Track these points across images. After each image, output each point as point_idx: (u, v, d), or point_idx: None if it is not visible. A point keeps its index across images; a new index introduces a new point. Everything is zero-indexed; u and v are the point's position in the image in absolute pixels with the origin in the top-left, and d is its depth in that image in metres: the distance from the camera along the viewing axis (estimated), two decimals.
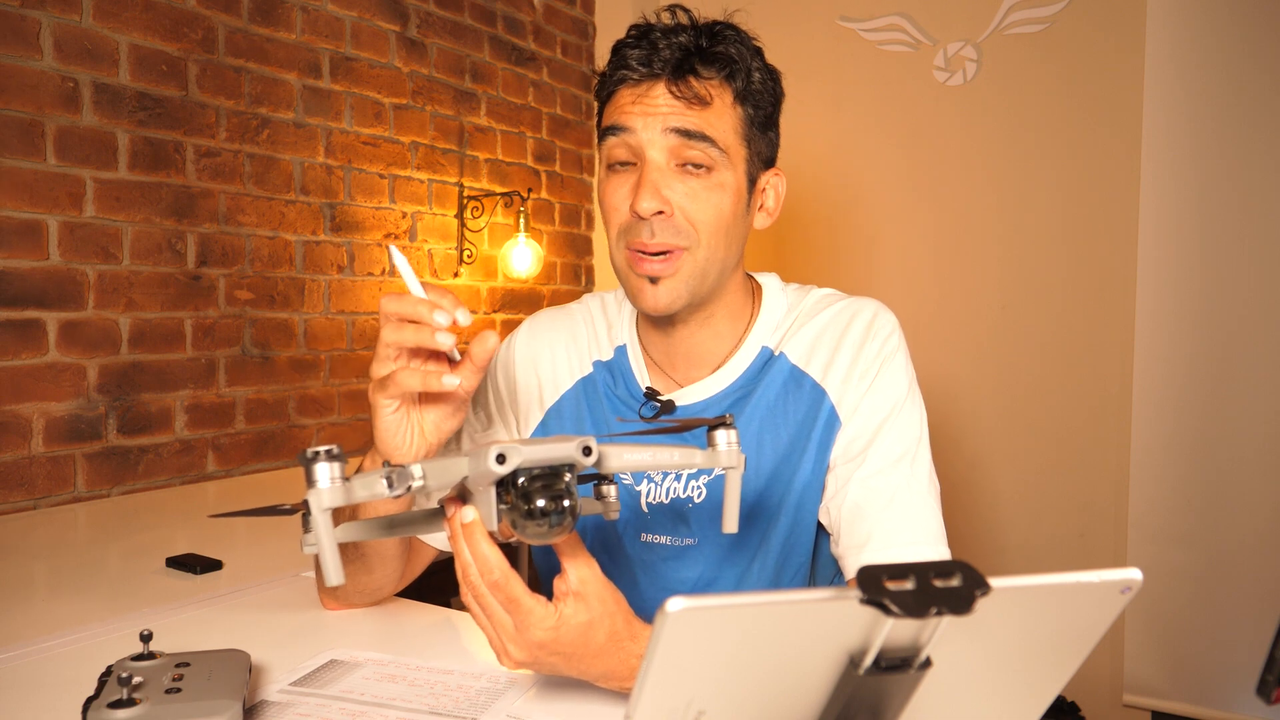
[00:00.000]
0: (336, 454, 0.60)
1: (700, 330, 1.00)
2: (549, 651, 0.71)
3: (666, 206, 0.91)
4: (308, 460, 0.60)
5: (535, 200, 2.89)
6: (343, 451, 0.60)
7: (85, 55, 1.72)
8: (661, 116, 0.90)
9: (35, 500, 1.66)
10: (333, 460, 0.60)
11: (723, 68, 0.91)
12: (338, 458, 0.60)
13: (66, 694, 0.80)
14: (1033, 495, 2.58)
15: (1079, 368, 2.51)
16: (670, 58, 0.90)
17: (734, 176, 0.93)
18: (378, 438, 0.80)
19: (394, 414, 0.78)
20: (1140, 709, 2.43)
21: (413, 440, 0.80)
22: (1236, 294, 2.30)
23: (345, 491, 0.60)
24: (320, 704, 0.78)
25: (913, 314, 2.32)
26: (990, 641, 0.44)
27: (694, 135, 0.90)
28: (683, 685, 0.41)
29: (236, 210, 2.01)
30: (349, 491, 0.60)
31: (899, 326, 0.98)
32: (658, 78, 0.91)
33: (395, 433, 0.79)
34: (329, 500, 0.59)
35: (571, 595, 0.71)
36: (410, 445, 0.80)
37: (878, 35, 2.75)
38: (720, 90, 0.92)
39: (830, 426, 0.95)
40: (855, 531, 0.91)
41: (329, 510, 0.60)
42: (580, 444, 0.64)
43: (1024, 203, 2.57)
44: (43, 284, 1.67)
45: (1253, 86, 2.25)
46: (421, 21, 2.48)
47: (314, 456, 0.59)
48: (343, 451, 0.60)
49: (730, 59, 0.91)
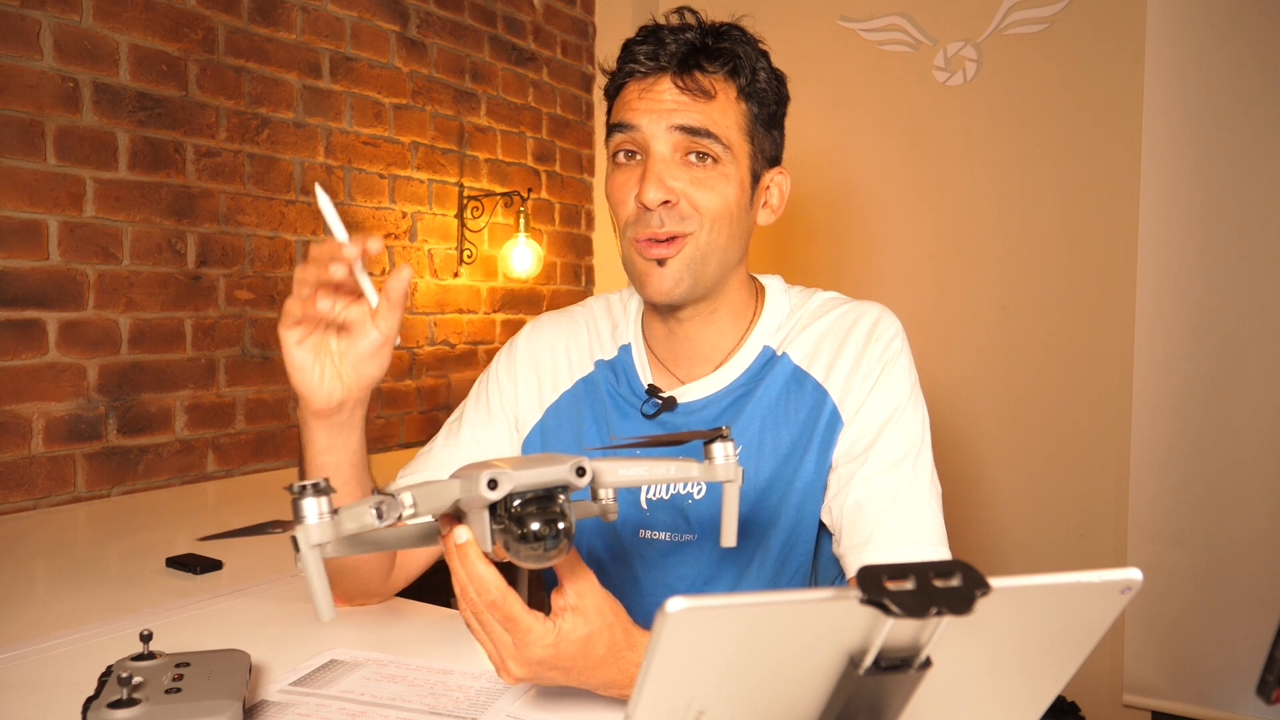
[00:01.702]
0: (323, 488, 0.59)
1: (704, 326, 1.00)
2: (549, 667, 0.70)
3: (671, 195, 0.92)
4: (294, 496, 0.58)
5: (535, 200, 2.89)
6: (329, 484, 0.59)
7: (85, 55, 1.72)
8: (666, 113, 0.92)
9: (35, 500, 1.66)
10: (319, 495, 0.58)
11: (727, 63, 0.93)
12: (324, 491, 0.59)
13: (66, 694, 0.80)
14: (1033, 495, 2.58)
15: (1079, 368, 2.51)
16: (676, 52, 0.92)
17: (737, 170, 0.94)
18: (289, 376, 0.79)
19: (300, 348, 0.77)
20: (1140, 709, 2.43)
21: (325, 380, 0.79)
22: (1236, 294, 2.30)
23: (334, 526, 0.59)
24: (320, 704, 0.78)
25: (913, 314, 2.32)
26: (990, 641, 0.44)
27: (698, 132, 0.91)
28: (683, 685, 0.41)
29: (236, 210, 2.01)
30: (337, 526, 0.59)
31: (902, 330, 0.99)
32: (663, 71, 0.93)
33: (305, 369, 0.78)
34: (317, 536, 0.58)
35: (570, 610, 0.70)
36: (323, 384, 0.79)
37: (878, 35, 2.75)
38: (725, 85, 0.93)
39: (832, 427, 0.95)
40: (856, 531, 0.91)
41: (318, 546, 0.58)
42: (573, 465, 0.62)
43: (1024, 203, 2.57)
44: (43, 284, 1.67)
45: (1253, 86, 2.25)
46: (421, 21, 2.48)
47: (301, 491, 0.58)
48: (329, 484, 0.59)
49: (735, 55, 0.93)
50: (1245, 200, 2.28)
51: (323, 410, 0.80)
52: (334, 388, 0.79)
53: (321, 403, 0.79)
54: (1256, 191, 2.27)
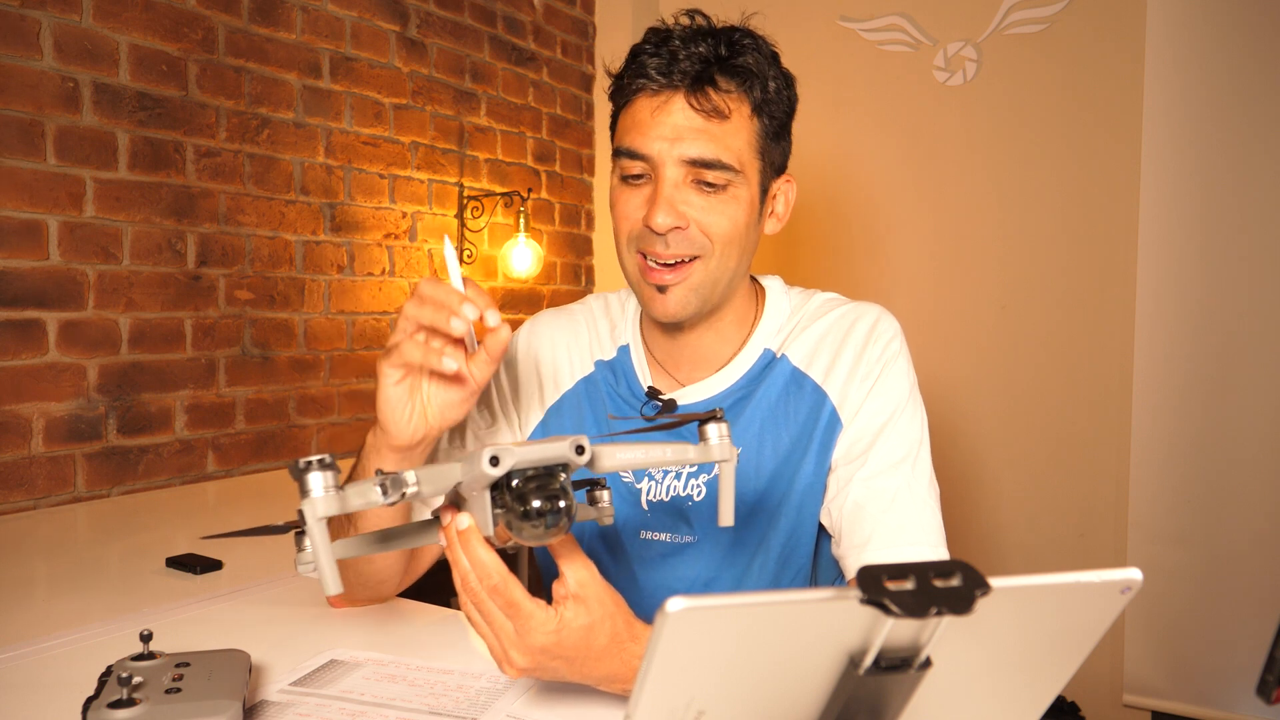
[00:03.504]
0: (329, 463, 0.59)
1: (707, 333, 1.01)
2: (551, 656, 0.70)
3: (682, 220, 0.91)
4: (300, 471, 0.59)
5: (535, 200, 2.89)
6: (335, 460, 0.60)
7: (85, 55, 1.72)
8: (678, 141, 0.90)
9: (35, 500, 1.66)
10: (325, 469, 0.59)
11: (742, 80, 0.91)
12: (330, 467, 0.59)
13: (66, 694, 0.80)
14: (1033, 495, 2.58)
15: (1079, 368, 2.51)
16: (690, 69, 0.89)
17: (748, 191, 0.93)
18: (378, 408, 0.80)
19: (397, 386, 0.79)
20: (1140, 709, 2.43)
21: (413, 419, 0.80)
22: (1236, 294, 2.30)
23: (340, 500, 0.59)
24: (320, 704, 0.78)
25: (912, 314, 2.32)
26: (990, 641, 0.44)
27: (711, 165, 0.90)
28: (683, 685, 0.41)
29: (236, 210, 2.01)
30: (343, 500, 0.59)
31: (901, 331, 0.99)
32: (676, 89, 0.90)
33: (396, 406, 0.79)
34: (323, 509, 0.58)
35: (571, 598, 0.70)
36: (410, 423, 0.80)
37: (878, 35, 2.75)
38: (738, 103, 0.91)
39: (831, 428, 0.95)
40: (856, 532, 0.91)
41: (324, 519, 0.59)
42: (573, 443, 0.63)
43: (1024, 203, 2.57)
44: (43, 284, 1.67)
45: (1253, 86, 2.25)
46: (421, 21, 2.48)
47: (306, 466, 0.59)
48: (335, 460, 0.60)
49: (749, 71, 0.91)
50: (1245, 200, 2.28)
51: (403, 446, 0.82)
52: (419, 426, 0.81)
53: (405, 439, 0.81)
54: (1256, 191, 2.27)
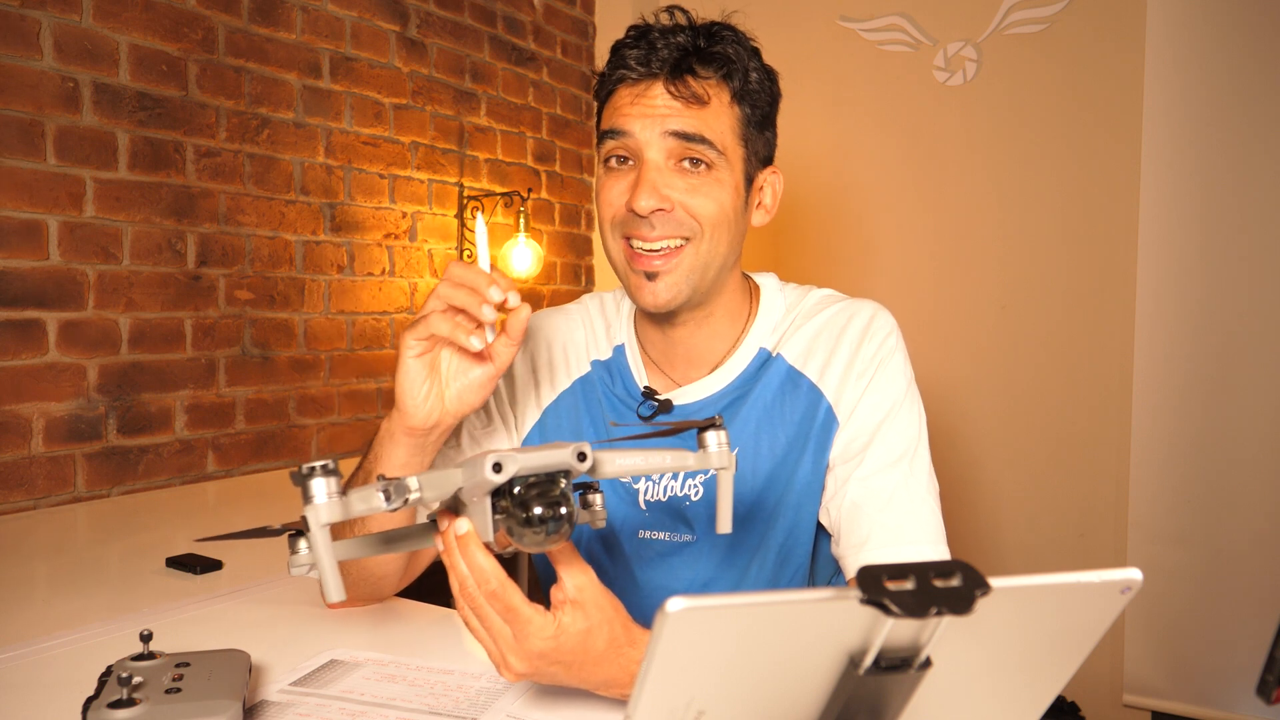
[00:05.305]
0: (332, 469, 0.59)
1: (699, 330, 1.00)
2: (549, 661, 0.70)
3: (666, 203, 0.91)
4: (303, 477, 0.58)
5: (535, 200, 2.89)
6: (337, 465, 0.59)
7: (85, 55, 1.72)
8: (660, 119, 0.91)
9: (35, 500, 1.66)
10: (328, 475, 0.58)
11: (720, 67, 0.92)
12: (333, 472, 0.59)
13: (66, 694, 0.80)
14: (1033, 495, 2.58)
15: (1079, 368, 2.51)
16: (668, 57, 0.91)
17: (731, 175, 0.94)
18: (397, 381, 0.80)
19: (417, 359, 0.79)
20: (1140, 709, 2.43)
21: (430, 398, 0.81)
22: (1236, 294, 2.30)
23: (343, 506, 0.59)
24: (320, 704, 0.78)
25: (912, 314, 2.32)
26: (990, 641, 0.44)
27: (692, 138, 0.90)
28: (683, 685, 0.41)
29: (236, 210, 2.01)
30: (346, 506, 0.59)
31: (897, 328, 0.98)
32: (656, 77, 0.91)
33: (415, 381, 0.80)
34: (326, 516, 0.58)
35: (569, 603, 0.70)
36: (426, 402, 0.81)
37: (878, 35, 2.75)
38: (718, 90, 0.92)
39: (828, 427, 0.95)
40: (854, 531, 0.91)
41: (327, 526, 0.59)
42: (575, 450, 0.63)
43: (1024, 203, 2.57)
44: (43, 284, 1.67)
45: (1253, 86, 2.25)
46: (421, 21, 2.48)
47: (309, 472, 0.58)
48: (337, 465, 0.59)
49: (728, 58, 0.92)
50: (1245, 200, 2.28)
51: (417, 428, 0.82)
52: (434, 408, 0.81)
53: (419, 421, 0.81)
54: (1256, 191, 2.27)
